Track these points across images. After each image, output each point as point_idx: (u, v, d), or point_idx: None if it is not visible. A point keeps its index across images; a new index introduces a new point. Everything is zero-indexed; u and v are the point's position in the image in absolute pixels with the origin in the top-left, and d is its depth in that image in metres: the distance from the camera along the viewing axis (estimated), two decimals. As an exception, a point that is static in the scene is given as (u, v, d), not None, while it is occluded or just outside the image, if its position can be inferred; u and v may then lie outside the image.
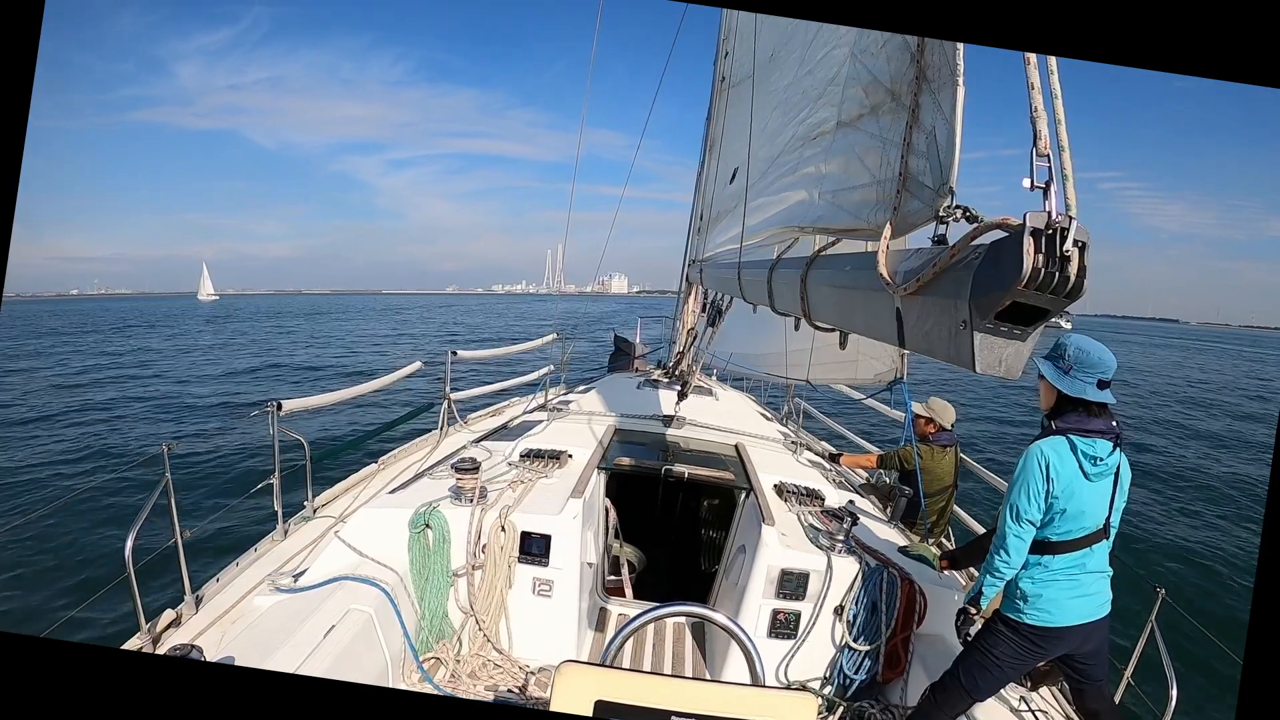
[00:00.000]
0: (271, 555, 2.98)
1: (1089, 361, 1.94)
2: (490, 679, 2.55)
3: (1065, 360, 1.97)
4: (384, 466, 4.19)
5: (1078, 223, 0.97)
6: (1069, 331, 1.16)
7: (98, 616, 3.39)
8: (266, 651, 2.02)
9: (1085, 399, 1.93)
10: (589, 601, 3.00)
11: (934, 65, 1.42)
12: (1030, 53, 1.07)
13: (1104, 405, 1.95)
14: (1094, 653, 2.09)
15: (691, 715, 1.29)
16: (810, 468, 3.99)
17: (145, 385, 16.87)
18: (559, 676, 1.35)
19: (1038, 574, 2.01)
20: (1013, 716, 2.34)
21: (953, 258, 1.17)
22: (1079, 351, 1.95)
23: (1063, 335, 2.00)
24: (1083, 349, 1.95)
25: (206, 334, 38.29)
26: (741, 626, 1.68)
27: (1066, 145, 1.05)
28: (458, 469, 2.82)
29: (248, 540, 3.17)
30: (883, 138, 1.68)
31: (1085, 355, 1.94)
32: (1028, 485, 1.95)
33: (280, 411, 3.10)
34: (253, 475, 3.73)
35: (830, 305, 2.02)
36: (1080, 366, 1.94)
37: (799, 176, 2.55)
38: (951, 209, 1.27)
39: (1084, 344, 1.96)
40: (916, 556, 2.78)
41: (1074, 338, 1.97)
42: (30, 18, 0.80)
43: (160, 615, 2.43)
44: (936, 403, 4.15)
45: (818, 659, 2.63)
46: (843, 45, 2.14)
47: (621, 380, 6.13)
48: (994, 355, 1.08)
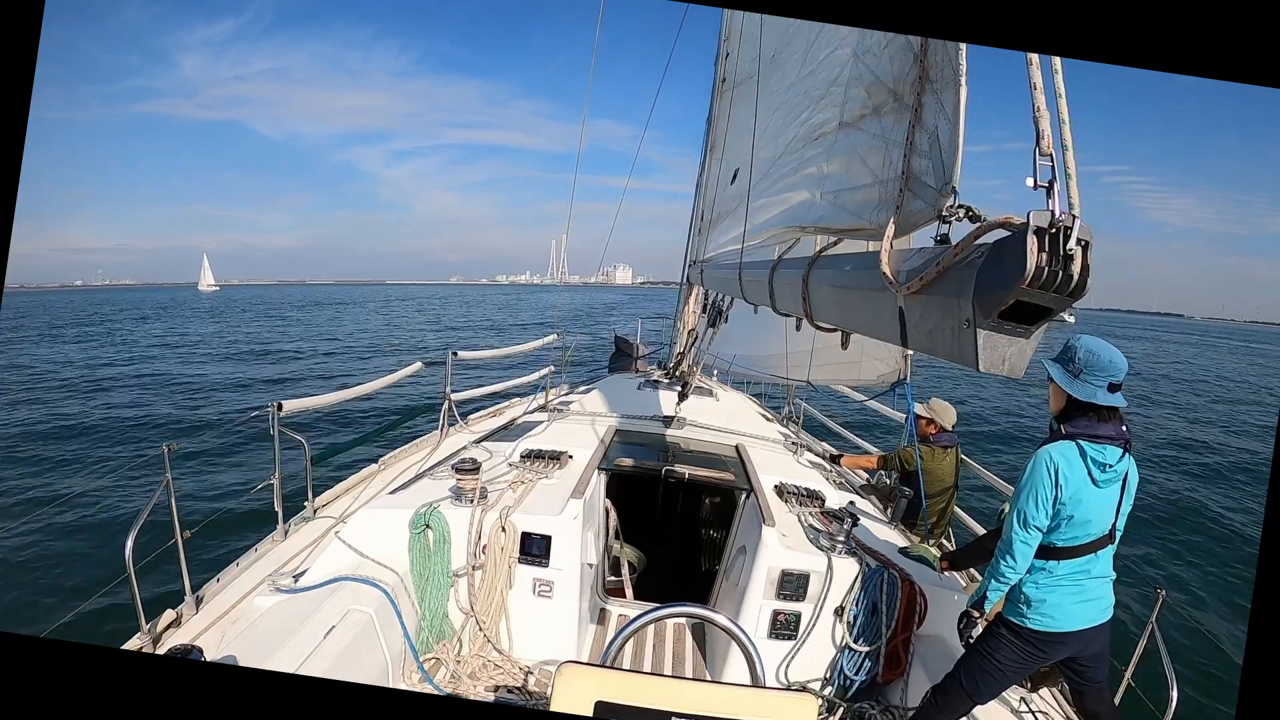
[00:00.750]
0: (272, 556, 2.98)
1: (1099, 364, 1.88)
2: (490, 679, 2.54)
3: (1075, 363, 1.91)
4: (384, 467, 4.18)
5: (1081, 222, 0.97)
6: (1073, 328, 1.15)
7: (98, 616, 3.39)
8: (267, 652, 2.02)
9: (1095, 403, 1.89)
10: (589, 602, 3.00)
11: (937, 65, 1.42)
12: (1033, 53, 1.07)
13: (1114, 409, 1.91)
14: (1095, 655, 2.08)
15: (691, 716, 1.29)
16: (811, 469, 3.99)
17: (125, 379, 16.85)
18: (559, 677, 1.35)
19: (1042, 579, 1.99)
20: (1013, 718, 2.34)
21: (956, 257, 1.17)
22: (1089, 354, 1.90)
23: (1072, 337, 1.96)
24: (1093, 351, 1.90)
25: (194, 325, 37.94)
26: (742, 627, 1.68)
27: (1070, 144, 1.05)
28: (458, 469, 2.81)
29: (248, 541, 3.16)
30: (885, 138, 1.68)
31: (1095, 358, 1.89)
32: (1036, 491, 1.92)
33: (281, 412, 3.10)
34: (253, 476, 3.72)
35: (832, 305, 2.02)
36: (1090, 370, 1.89)
37: (801, 177, 2.55)
38: (954, 208, 1.27)
39: (1094, 346, 1.91)
40: (917, 557, 2.78)
41: (1084, 339, 1.92)
42: (31, 10, 0.80)
43: (160, 615, 2.43)
44: (937, 404, 4.15)
45: (818, 660, 2.63)
46: (845, 46, 2.14)
47: (622, 381, 6.13)
48: (997, 354, 1.08)
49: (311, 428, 8.91)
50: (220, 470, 8.35)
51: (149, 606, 2.34)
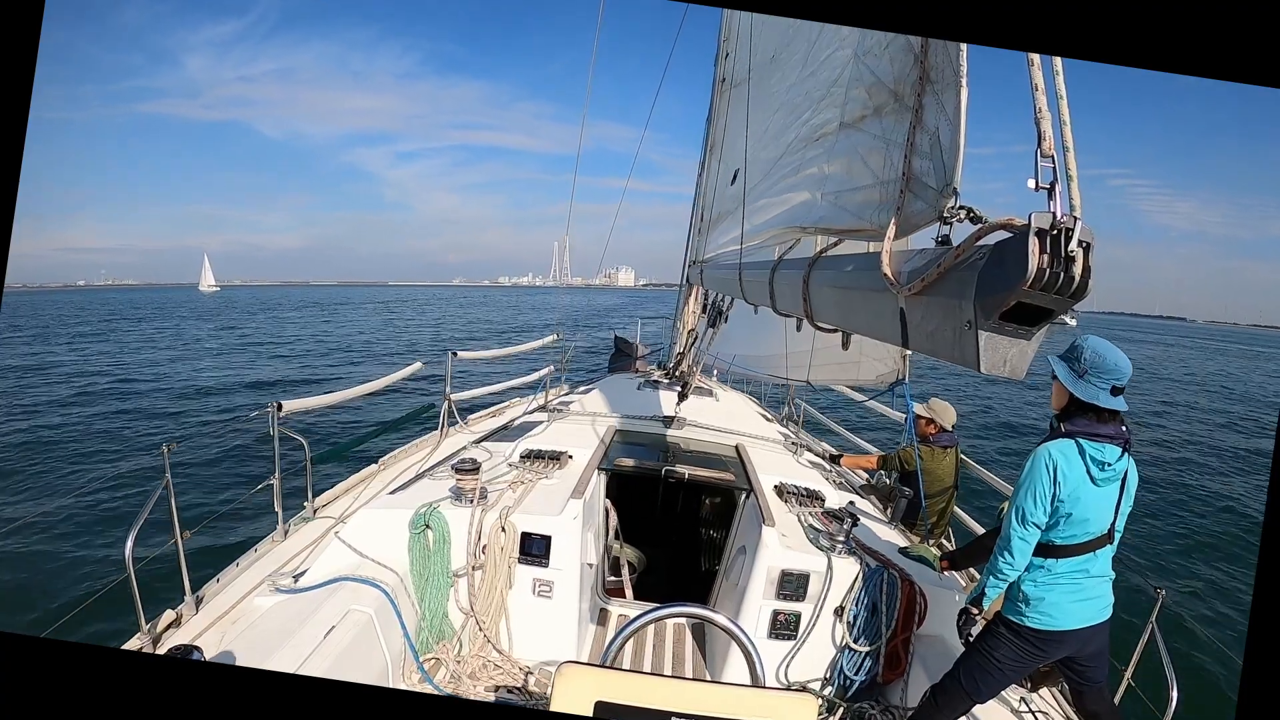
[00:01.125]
0: (272, 556, 2.98)
1: (1105, 366, 1.89)
2: (490, 679, 2.54)
3: (1081, 363, 1.92)
4: (384, 467, 4.18)
5: (1082, 223, 0.97)
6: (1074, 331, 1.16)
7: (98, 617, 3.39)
8: (266, 652, 2.02)
9: (1097, 405, 1.90)
10: (589, 602, 3.00)
11: (937, 66, 1.42)
12: (1034, 53, 1.07)
13: (1115, 411, 1.92)
14: (1095, 655, 2.08)
15: (691, 716, 1.29)
16: (810, 468, 3.99)
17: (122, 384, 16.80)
18: (559, 677, 1.35)
19: (1040, 577, 2.00)
20: (1013, 717, 2.34)
21: (957, 258, 1.17)
22: (1095, 355, 1.90)
23: (1080, 337, 1.97)
24: (1099, 353, 1.90)
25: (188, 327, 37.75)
26: (742, 627, 1.68)
27: (1071, 146, 1.05)
28: (458, 469, 2.81)
29: (248, 541, 3.16)
30: (886, 138, 1.68)
31: (1101, 360, 1.90)
32: (1034, 488, 1.93)
33: (280, 412, 3.11)
34: (253, 476, 3.72)
35: (833, 306, 2.02)
36: (1095, 371, 1.90)
37: (801, 177, 2.55)
38: (955, 209, 1.27)
39: (1101, 348, 1.91)
40: (917, 557, 2.78)
41: (1091, 340, 1.93)
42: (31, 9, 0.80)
43: (160, 615, 2.43)
44: (937, 403, 4.16)
45: (818, 660, 2.63)
46: (846, 46, 2.14)
47: (622, 381, 6.12)
48: (999, 355, 1.08)
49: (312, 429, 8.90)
50: (220, 470, 8.35)
51: (149, 607, 2.34)
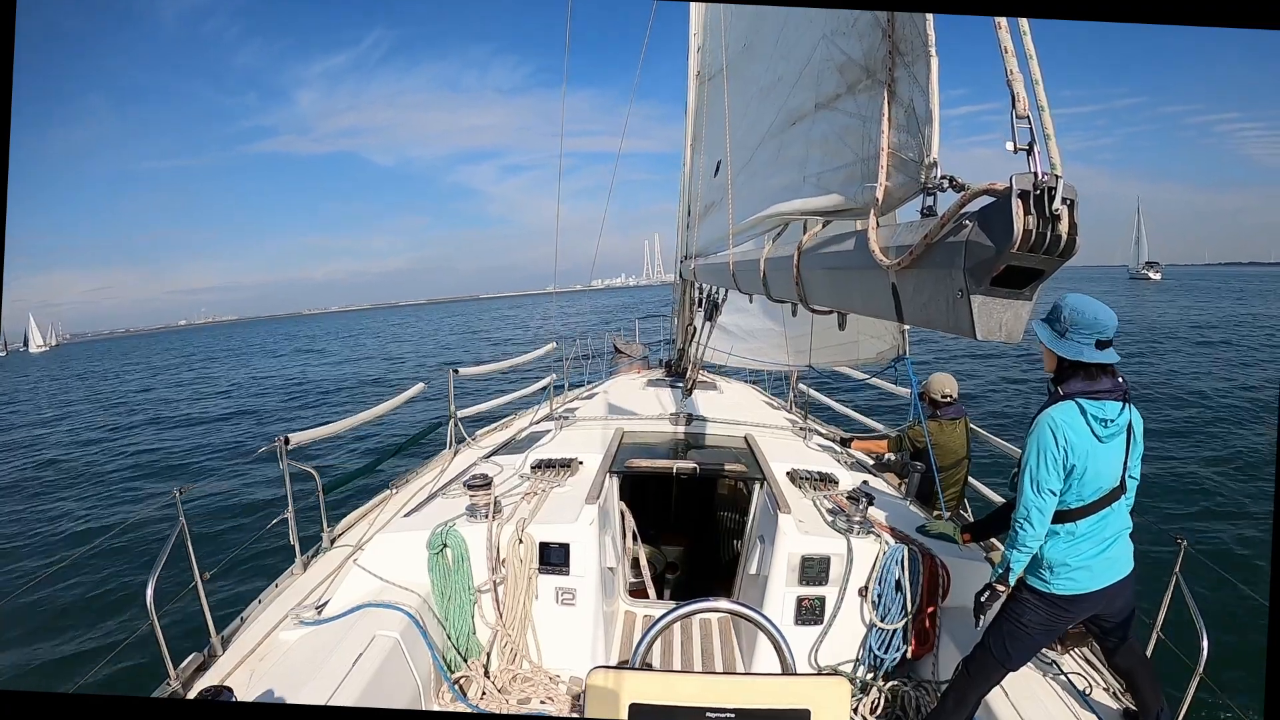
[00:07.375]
0: (292, 589, 2.98)
1: (1084, 322, 1.89)
2: (523, 692, 2.55)
3: (1061, 323, 1.92)
4: (396, 490, 4.19)
5: (1064, 180, 0.97)
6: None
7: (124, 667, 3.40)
8: (296, 685, 2.02)
9: (1083, 360, 1.90)
10: (613, 606, 3.00)
11: (906, 39, 1.42)
12: (1000, 16, 1.07)
13: (1104, 365, 1.91)
14: (1121, 610, 2.08)
15: (726, 710, 1.29)
16: (821, 452, 3.98)
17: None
18: (590, 684, 1.35)
19: (1060, 542, 2.00)
20: (1046, 682, 2.34)
21: (943, 227, 1.17)
22: (1074, 312, 1.90)
23: (1060, 297, 1.97)
24: (1077, 309, 1.90)
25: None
26: (767, 616, 1.68)
27: (1045, 105, 1.04)
28: (470, 486, 2.82)
29: (268, 577, 3.17)
30: (862, 115, 1.67)
31: (1080, 316, 1.89)
32: (1044, 454, 1.92)
33: (288, 445, 3.11)
34: (266, 511, 3.72)
35: (826, 288, 2.01)
36: (1076, 328, 1.90)
37: (783, 162, 2.54)
38: (937, 179, 1.27)
39: (1080, 304, 1.91)
40: (938, 535, 2.77)
41: (1070, 298, 1.92)
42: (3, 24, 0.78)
43: (187, 659, 2.43)
44: (936, 377, 4.15)
45: (847, 641, 2.63)
46: (814, 28, 2.14)
47: (625, 382, 6.13)
48: (993, 321, 1.08)
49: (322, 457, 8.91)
50: (233, 509, 8.37)
51: (174, 651, 2.34)
